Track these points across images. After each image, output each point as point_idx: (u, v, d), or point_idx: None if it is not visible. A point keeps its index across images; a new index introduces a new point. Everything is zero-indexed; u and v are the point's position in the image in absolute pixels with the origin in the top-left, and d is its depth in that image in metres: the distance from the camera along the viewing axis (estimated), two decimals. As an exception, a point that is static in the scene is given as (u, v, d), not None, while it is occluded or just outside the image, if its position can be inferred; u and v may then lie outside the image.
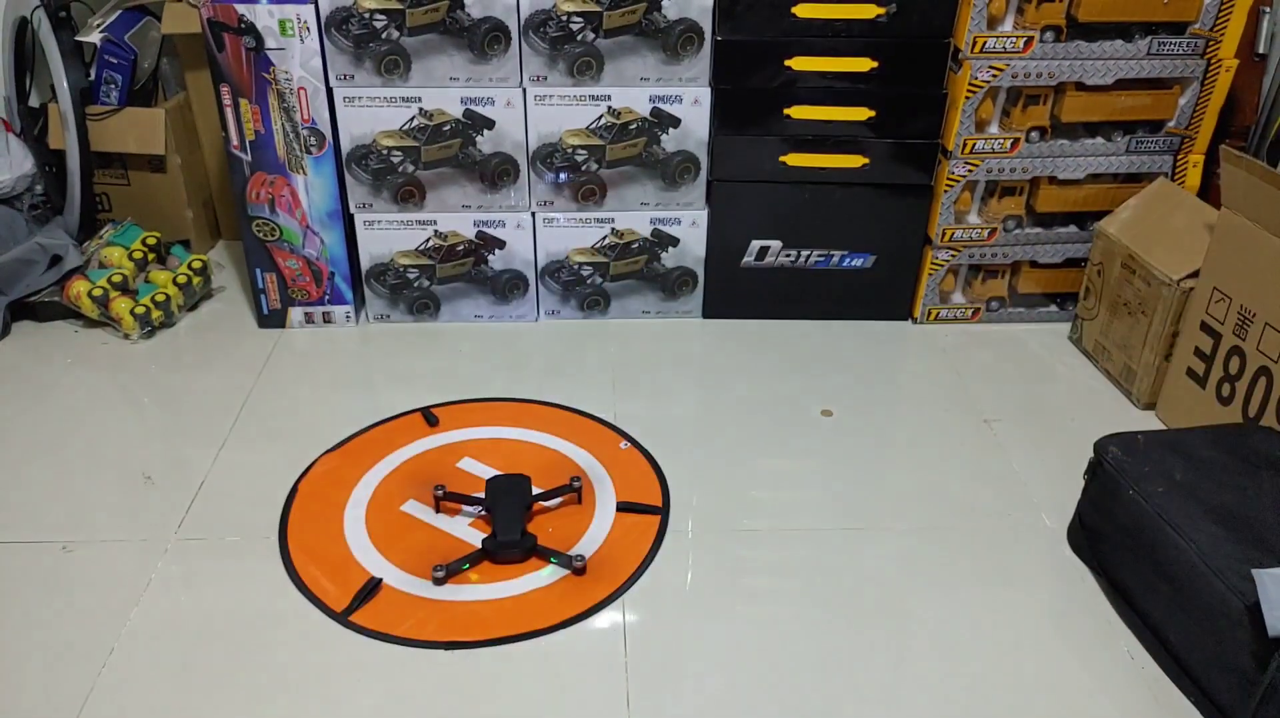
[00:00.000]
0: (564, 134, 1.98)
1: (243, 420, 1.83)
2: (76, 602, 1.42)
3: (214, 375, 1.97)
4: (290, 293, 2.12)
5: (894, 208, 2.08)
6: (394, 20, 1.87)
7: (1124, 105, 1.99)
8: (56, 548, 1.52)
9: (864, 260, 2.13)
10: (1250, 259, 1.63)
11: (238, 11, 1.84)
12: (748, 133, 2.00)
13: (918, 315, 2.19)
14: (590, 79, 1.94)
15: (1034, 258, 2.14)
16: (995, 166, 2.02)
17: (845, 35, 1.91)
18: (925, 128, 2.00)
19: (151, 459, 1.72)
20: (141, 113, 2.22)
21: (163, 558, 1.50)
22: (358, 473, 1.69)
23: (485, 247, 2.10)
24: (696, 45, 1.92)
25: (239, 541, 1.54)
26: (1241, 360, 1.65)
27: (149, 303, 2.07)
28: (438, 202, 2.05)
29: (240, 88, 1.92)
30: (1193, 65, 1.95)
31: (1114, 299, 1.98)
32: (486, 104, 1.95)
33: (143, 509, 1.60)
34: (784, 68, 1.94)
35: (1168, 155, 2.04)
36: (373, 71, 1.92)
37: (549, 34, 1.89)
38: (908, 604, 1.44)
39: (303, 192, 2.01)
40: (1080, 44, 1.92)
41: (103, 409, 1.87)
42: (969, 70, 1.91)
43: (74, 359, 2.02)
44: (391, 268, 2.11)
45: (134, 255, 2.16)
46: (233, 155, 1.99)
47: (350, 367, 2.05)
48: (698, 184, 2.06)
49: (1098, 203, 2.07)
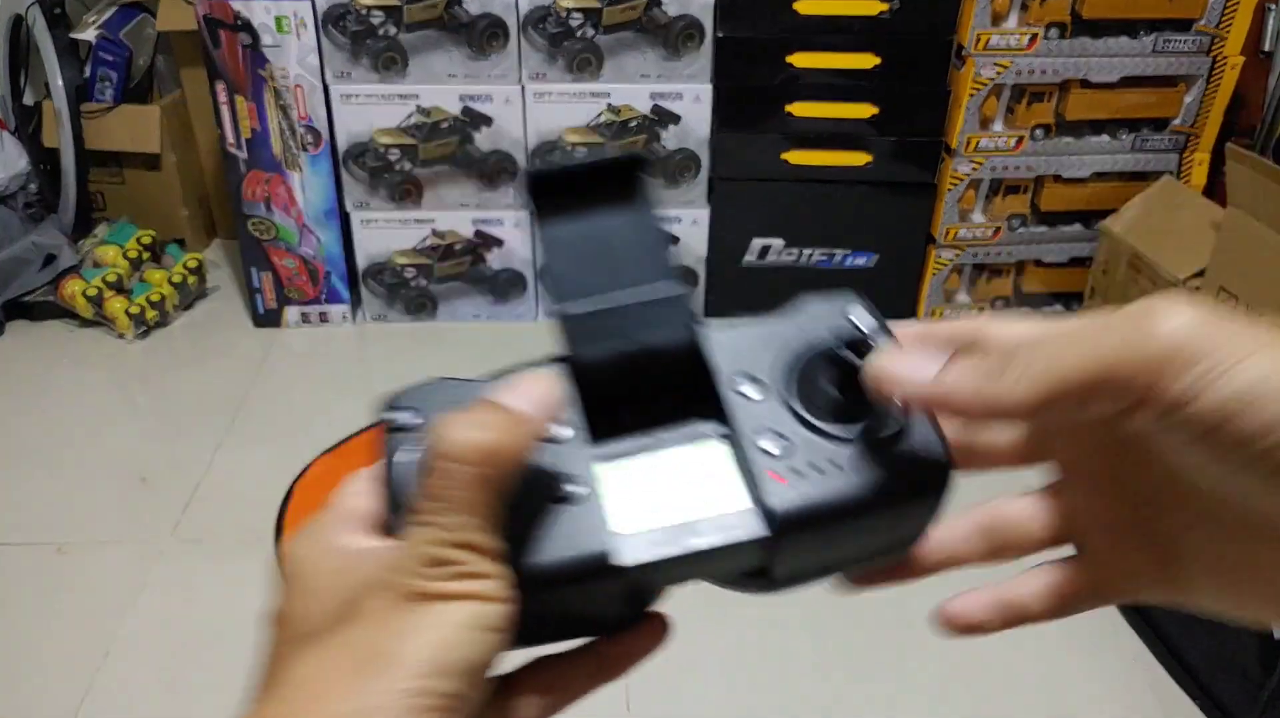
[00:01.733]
0: (563, 131, 1.97)
1: (239, 421, 1.81)
2: (71, 605, 1.40)
3: (209, 376, 1.95)
4: (286, 292, 2.10)
5: (897, 206, 2.07)
6: (391, 17, 1.85)
7: (1129, 103, 1.97)
8: (50, 550, 1.50)
9: (867, 259, 2.12)
10: (1256, 258, 1.61)
11: (233, 8, 1.82)
12: (749, 130, 1.98)
13: (921, 315, 2.17)
14: (590, 76, 1.92)
15: (1039, 257, 2.12)
16: (999, 164, 2.00)
17: (848, 31, 1.89)
18: (929, 125, 1.98)
19: (147, 460, 1.70)
20: (136, 110, 2.20)
21: (158, 560, 1.48)
22: (355, 474, 1.68)
23: (484, 245, 2.08)
24: (697, 41, 1.90)
25: (235, 543, 1.53)
26: (1248, 360, 1.64)
27: (144, 302, 2.05)
28: (435, 200, 2.03)
29: (236, 85, 1.90)
30: (1198, 63, 1.93)
31: (1120, 299, 1.96)
32: (485, 101, 1.93)
33: (138, 511, 1.59)
34: (785, 64, 1.92)
35: (1173, 153, 2.02)
36: (370, 68, 1.90)
37: (548, 30, 1.87)
38: (908, 605, 1.42)
39: (299, 190, 2.00)
40: (1085, 41, 1.90)
41: (97, 410, 1.85)
42: (973, 67, 1.90)
43: (68, 359, 2.00)
44: (389, 267, 2.09)
45: (129, 254, 2.14)
46: (228, 153, 1.97)
47: (347, 367, 2.03)
48: (699, 182, 2.04)
49: (1103, 201, 2.05)
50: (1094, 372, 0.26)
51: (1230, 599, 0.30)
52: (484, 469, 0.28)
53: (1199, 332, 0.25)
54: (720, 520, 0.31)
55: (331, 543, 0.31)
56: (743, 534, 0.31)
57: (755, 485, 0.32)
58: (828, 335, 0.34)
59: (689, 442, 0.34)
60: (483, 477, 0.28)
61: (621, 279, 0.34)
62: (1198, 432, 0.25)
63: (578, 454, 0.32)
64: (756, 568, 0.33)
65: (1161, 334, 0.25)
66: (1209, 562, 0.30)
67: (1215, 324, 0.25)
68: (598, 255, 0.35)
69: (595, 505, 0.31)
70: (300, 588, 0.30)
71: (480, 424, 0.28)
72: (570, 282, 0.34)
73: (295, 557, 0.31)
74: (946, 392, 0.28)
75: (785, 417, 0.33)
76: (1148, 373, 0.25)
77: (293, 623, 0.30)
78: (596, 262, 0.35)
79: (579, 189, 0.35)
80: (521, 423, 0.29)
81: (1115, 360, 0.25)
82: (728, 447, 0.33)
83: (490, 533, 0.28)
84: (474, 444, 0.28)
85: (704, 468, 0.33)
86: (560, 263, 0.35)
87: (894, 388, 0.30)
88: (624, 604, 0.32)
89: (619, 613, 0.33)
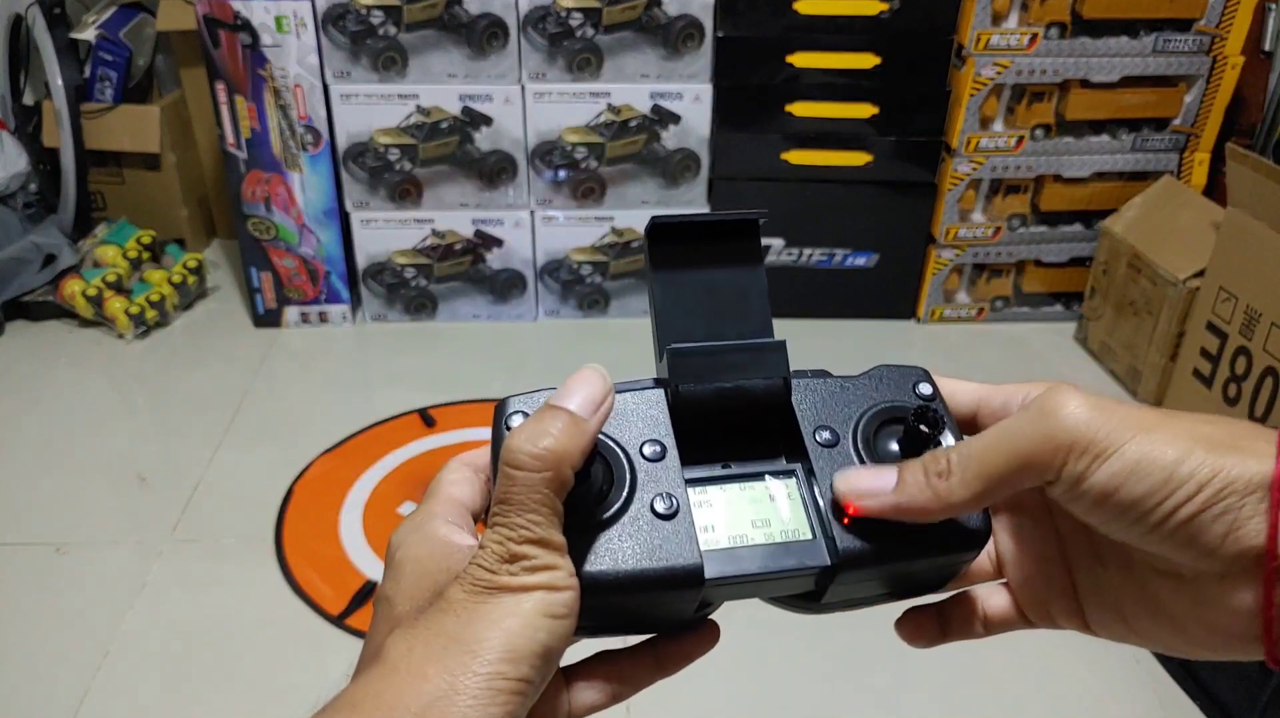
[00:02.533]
0: (563, 131, 1.97)
1: (238, 421, 1.81)
2: (70, 605, 1.40)
3: (209, 375, 1.95)
4: (286, 292, 2.10)
5: (897, 206, 2.07)
6: (391, 16, 1.85)
7: (1129, 103, 1.97)
8: (50, 550, 1.50)
9: (867, 259, 2.11)
10: (1257, 258, 1.61)
11: (233, 8, 1.82)
12: (749, 130, 1.98)
13: (921, 315, 2.17)
14: (590, 75, 1.92)
15: (1039, 257, 2.12)
16: (999, 164, 2.00)
17: (848, 31, 1.89)
18: (929, 125, 1.98)
19: (146, 460, 1.70)
20: (136, 110, 2.20)
21: (158, 560, 1.48)
22: (354, 475, 1.68)
23: (483, 245, 2.08)
24: (697, 41, 1.90)
25: (234, 543, 1.52)
26: (1248, 361, 1.64)
27: (143, 302, 2.05)
28: (435, 200, 2.03)
29: (236, 85, 1.90)
30: (1198, 62, 1.93)
31: (1120, 299, 1.96)
32: (485, 101, 1.93)
33: (137, 511, 1.58)
34: (785, 64, 1.92)
35: (1173, 153, 2.02)
36: (370, 68, 1.90)
37: (548, 30, 1.87)
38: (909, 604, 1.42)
39: (299, 190, 2.00)
40: (1085, 41, 1.90)
41: (97, 410, 1.85)
42: (973, 67, 1.89)
43: (68, 359, 2.00)
44: (388, 267, 2.09)
45: (128, 254, 2.14)
46: (228, 153, 1.97)
47: (347, 367, 2.03)
48: (698, 182, 2.04)
49: (1103, 201, 2.05)
50: (1016, 465, 0.33)
51: (1132, 627, 0.37)
52: (544, 474, 0.32)
53: (1091, 421, 0.32)
54: (789, 548, 0.36)
55: (428, 533, 0.36)
56: (807, 562, 0.36)
57: (822, 521, 0.37)
58: (896, 400, 0.40)
59: (768, 476, 0.38)
60: (543, 480, 0.32)
61: (726, 325, 0.39)
62: (1094, 500, 0.33)
63: (671, 474, 0.36)
64: (811, 592, 0.38)
65: (1061, 427, 0.33)
66: (1114, 595, 0.37)
67: (1104, 413, 0.33)
68: (707, 303, 0.39)
69: (686, 522, 0.35)
70: (400, 573, 0.35)
71: (539, 434, 0.32)
72: (679, 323, 0.39)
73: (397, 543, 0.36)
74: (907, 501, 0.35)
75: (854, 465, 0.38)
76: (1054, 458, 0.33)
77: (393, 605, 0.34)
78: (705, 308, 0.39)
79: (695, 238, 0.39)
80: (577, 427, 0.33)
81: (1030, 451, 0.33)
82: (801, 484, 0.38)
83: (554, 528, 0.33)
84: (533, 453, 0.32)
85: (779, 500, 0.38)
86: (671, 306, 0.39)
87: (862, 504, 0.36)
88: (693, 611, 0.37)
89: (684, 618, 0.38)
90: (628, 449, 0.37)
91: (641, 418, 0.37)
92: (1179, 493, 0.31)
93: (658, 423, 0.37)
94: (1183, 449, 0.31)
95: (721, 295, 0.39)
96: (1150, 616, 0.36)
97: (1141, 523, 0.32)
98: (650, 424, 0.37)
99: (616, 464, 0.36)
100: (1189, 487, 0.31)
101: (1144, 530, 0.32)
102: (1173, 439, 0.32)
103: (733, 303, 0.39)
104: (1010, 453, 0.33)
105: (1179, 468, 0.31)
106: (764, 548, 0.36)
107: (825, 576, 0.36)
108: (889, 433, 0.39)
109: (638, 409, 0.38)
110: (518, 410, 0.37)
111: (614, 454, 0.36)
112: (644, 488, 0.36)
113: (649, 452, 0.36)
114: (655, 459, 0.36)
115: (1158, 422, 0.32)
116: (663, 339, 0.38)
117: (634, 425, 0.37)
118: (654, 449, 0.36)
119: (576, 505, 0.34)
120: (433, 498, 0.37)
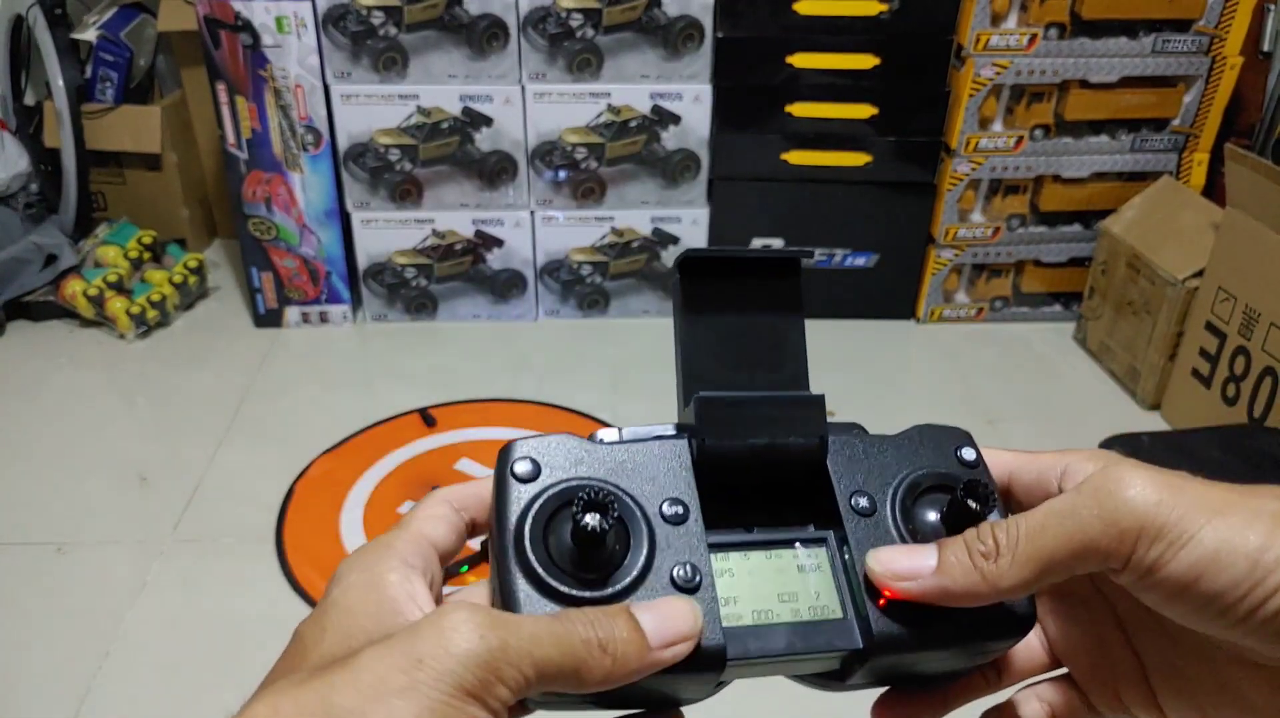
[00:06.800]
0: (563, 132, 1.97)
1: (239, 421, 1.81)
2: (71, 605, 1.40)
3: (210, 375, 1.95)
4: (287, 292, 2.10)
5: (897, 206, 2.07)
6: (392, 17, 1.85)
7: (1128, 103, 1.97)
8: (51, 550, 1.50)
9: (867, 259, 2.12)
10: (1255, 258, 1.61)
11: (234, 8, 1.83)
12: (749, 130, 1.98)
13: (921, 315, 2.18)
14: (590, 76, 1.92)
15: (1038, 257, 2.12)
16: (999, 164, 2.00)
17: (848, 31, 1.90)
18: (928, 125, 1.98)
19: (147, 460, 1.70)
20: (137, 111, 2.20)
21: (158, 560, 1.48)
22: (355, 474, 1.68)
23: (484, 245, 2.08)
24: (697, 42, 1.90)
25: (235, 542, 1.53)
26: (1247, 360, 1.64)
27: (144, 302, 2.05)
28: (436, 200, 2.03)
29: (236, 85, 1.90)
30: (1197, 63, 1.93)
31: (1119, 299, 1.96)
32: (485, 101, 1.93)
33: (138, 511, 1.59)
34: (785, 64, 1.92)
35: (1172, 154, 2.03)
36: (370, 68, 1.90)
37: (548, 30, 1.88)
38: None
39: (299, 190, 2.00)
40: (1084, 41, 1.90)
41: (98, 410, 1.85)
42: (972, 67, 1.90)
43: (69, 359, 2.00)
44: (389, 267, 2.09)
45: (129, 254, 2.14)
46: (229, 153, 1.97)
47: (347, 367, 2.03)
48: (698, 182, 2.04)
49: (1102, 201, 2.05)
50: (1075, 548, 0.30)
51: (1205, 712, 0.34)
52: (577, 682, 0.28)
53: (1161, 504, 0.29)
54: (818, 627, 0.33)
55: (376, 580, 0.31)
56: (837, 644, 0.33)
57: (855, 599, 0.34)
58: (937, 467, 0.36)
59: (798, 544, 0.35)
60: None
61: (758, 374, 0.36)
62: (1171, 591, 0.30)
63: (693, 540, 0.33)
64: (836, 671, 0.35)
65: (1128, 509, 0.30)
66: (1183, 680, 0.34)
67: (1173, 493, 0.30)
68: (738, 347, 0.36)
69: (709, 597, 0.32)
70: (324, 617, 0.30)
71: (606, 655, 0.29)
72: (707, 367, 0.35)
73: (339, 577, 0.31)
74: (950, 584, 0.32)
75: (892, 538, 0.35)
76: (1122, 545, 0.30)
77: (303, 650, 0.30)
78: (736, 353, 0.36)
79: (729, 274, 0.36)
80: (641, 656, 0.29)
81: (1094, 535, 0.30)
82: (834, 554, 0.35)
83: None
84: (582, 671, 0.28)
85: (809, 572, 0.35)
86: (699, 347, 0.35)
87: (900, 587, 0.32)
88: (709, 690, 0.34)
89: (700, 700, 0.34)
90: (646, 508, 0.33)
91: (662, 472, 0.34)
92: (1268, 582, 0.29)
93: (678, 478, 0.34)
94: (1264, 534, 0.29)
95: (755, 340, 0.36)
96: (1231, 705, 0.33)
97: (1226, 616, 0.29)
98: (671, 480, 0.34)
99: (634, 525, 0.33)
100: (1277, 575, 0.28)
101: (1229, 623, 0.29)
102: (1250, 522, 0.29)
103: (767, 349, 0.36)
104: (1068, 536, 0.30)
105: (1264, 555, 0.29)
106: (790, 626, 0.33)
107: (856, 658, 0.34)
108: (929, 502, 0.36)
109: (658, 462, 0.34)
110: (524, 457, 0.33)
111: (631, 514, 0.33)
112: (663, 554, 0.32)
113: (669, 512, 0.33)
114: (676, 522, 0.33)
115: (1229, 501, 0.30)
116: (688, 384, 0.35)
117: (653, 480, 0.34)
118: (675, 510, 0.33)
119: (590, 570, 0.31)
120: (402, 529, 0.33)
